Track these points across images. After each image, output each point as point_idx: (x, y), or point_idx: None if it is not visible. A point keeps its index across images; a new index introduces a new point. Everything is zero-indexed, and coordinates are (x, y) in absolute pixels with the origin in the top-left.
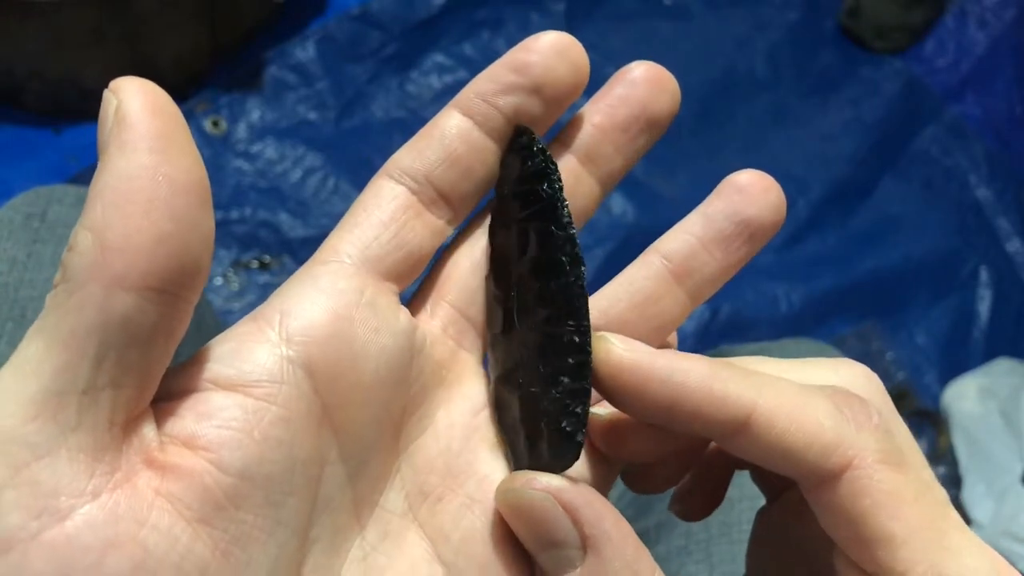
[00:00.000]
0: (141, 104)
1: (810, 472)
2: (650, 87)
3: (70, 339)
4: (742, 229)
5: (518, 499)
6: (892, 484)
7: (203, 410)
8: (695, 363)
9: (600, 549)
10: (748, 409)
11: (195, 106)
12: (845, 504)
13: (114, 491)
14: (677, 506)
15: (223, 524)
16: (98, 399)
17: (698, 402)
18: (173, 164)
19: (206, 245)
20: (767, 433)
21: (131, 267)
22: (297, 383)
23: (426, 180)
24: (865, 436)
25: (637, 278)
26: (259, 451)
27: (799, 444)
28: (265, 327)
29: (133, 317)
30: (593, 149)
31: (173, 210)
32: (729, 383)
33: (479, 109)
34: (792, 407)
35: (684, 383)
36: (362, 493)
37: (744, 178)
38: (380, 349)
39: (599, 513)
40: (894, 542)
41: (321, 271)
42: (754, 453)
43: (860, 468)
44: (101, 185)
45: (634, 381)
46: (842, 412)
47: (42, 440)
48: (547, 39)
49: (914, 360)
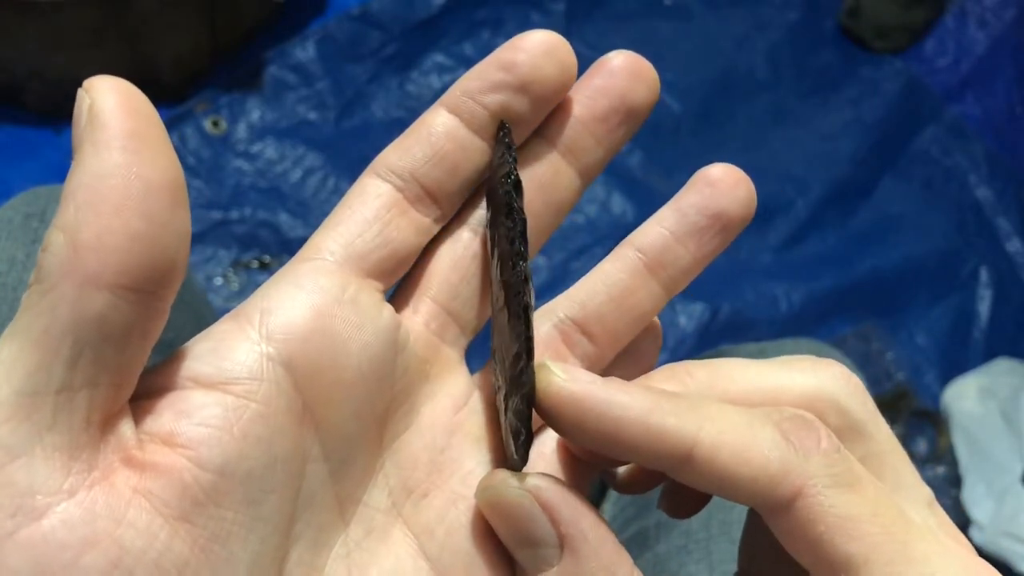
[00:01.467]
0: (115, 103)
1: (760, 502)
2: (629, 77)
3: (43, 339)
4: (714, 222)
5: (496, 496)
6: (845, 507)
7: (182, 408)
8: (635, 396)
9: (577, 549)
10: (688, 444)
11: (195, 106)
12: (800, 532)
13: (91, 489)
14: (665, 503)
15: (202, 521)
16: (73, 399)
17: (636, 436)
18: (147, 163)
19: (181, 244)
20: (710, 466)
21: (104, 266)
22: (277, 380)
23: (412, 178)
24: (813, 462)
25: (613, 272)
26: (238, 448)
27: (745, 476)
28: (246, 325)
29: (107, 316)
30: (573, 141)
31: (146, 209)
32: (668, 417)
33: (466, 107)
34: (735, 439)
35: (621, 417)
36: (346, 490)
37: (715, 172)
38: (362, 346)
39: (577, 512)
40: (854, 563)
41: (303, 268)
42: (702, 484)
43: (810, 496)
44: (74, 184)
45: (573, 413)
46: (788, 440)
47: (17, 441)
48: (535, 38)
49: (914, 360)
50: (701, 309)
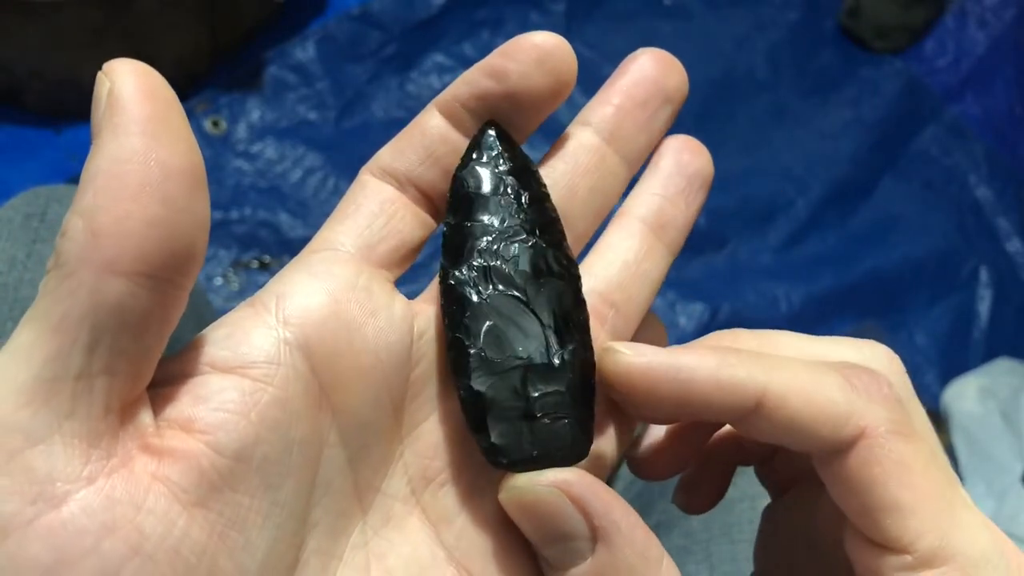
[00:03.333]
0: (134, 87)
1: (824, 445)
2: (660, 67)
3: (62, 325)
4: (693, 180)
5: (523, 496)
6: (902, 454)
7: (200, 393)
8: (702, 355)
9: (611, 539)
10: (759, 392)
11: (195, 106)
12: (856, 473)
13: (110, 476)
14: (680, 497)
15: (219, 507)
16: (92, 385)
17: (708, 391)
18: (166, 148)
19: (200, 230)
20: (779, 412)
21: (122, 252)
22: (294, 364)
23: (407, 180)
24: (876, 407)
25: (621, 241)
26: (255, 432)
27: (812, 420)
28: (262, 311)
29: (125, 302)
30: (616, 127)
31: (165, 194)
32: (737, 369)
33: (456, 112)
34: (802, 385)
35: (692, 377)
36: (364, 477)
37: (678, 142)
38: (377, 331)
39: (607, 504)
40: (903, 511)
41: (316, 258)
42: (769, 433)
43: (871, 438)
44: (93, 169)
45: (645, 385)
46: (853, 385)
47: (36, 427)
48: (528, 43)
49: (914, 360)
50: (701, 309)
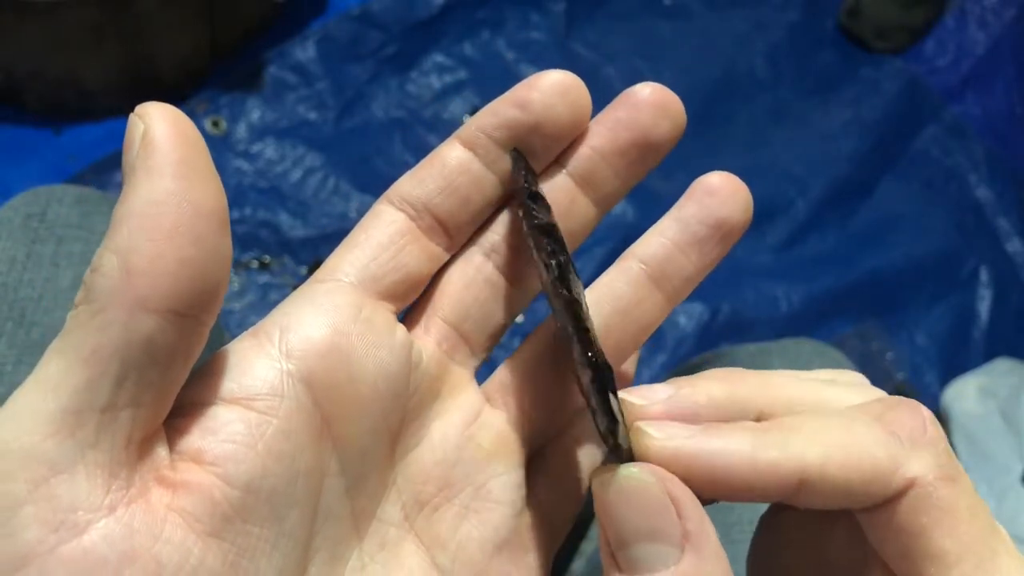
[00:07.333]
0: (167, 130)
1: (875, 502)
2: (653, 111)
3: (92, 358)
4: (715, 232)
5: (629, 483)
6: (949, 500)
7: (208, 425)
8: (735, 438)
9: (701, 547)
10: (799, 471)
11: (195, 106)
12: (903, 524)
13: (129, 506)
14: None
15: (231, 536)
16: (117, 417)
17: (746, 476)
18: (197, 190)
19: (224, 269)
20: (824, 485)
21: (155, 290)
22: (297, 396)
23: (425, 208)
24: (922, 453)
25: (617, 284)
26: (263, 464)
27: (860, 484)
28: (265, 342)
29: (155, 338)
30: (591, 172)
31: (196, 235)
32: (771, 450)
33: (480, 142)
34: (841, 451)
35: (728, 463)
36: (360, 504)
37: (714, 181)
38: (378, 363)
39: (699, 509)
40: (947, 559)
41: (319, 289)
42: (821, 503)
43: (921, 487)
44: (127, 209)
45: (679, 470)
46: (893, 432)
47: (61, 456)
48: (551, 78)
49: (914, 360)
50: (701, 309)
